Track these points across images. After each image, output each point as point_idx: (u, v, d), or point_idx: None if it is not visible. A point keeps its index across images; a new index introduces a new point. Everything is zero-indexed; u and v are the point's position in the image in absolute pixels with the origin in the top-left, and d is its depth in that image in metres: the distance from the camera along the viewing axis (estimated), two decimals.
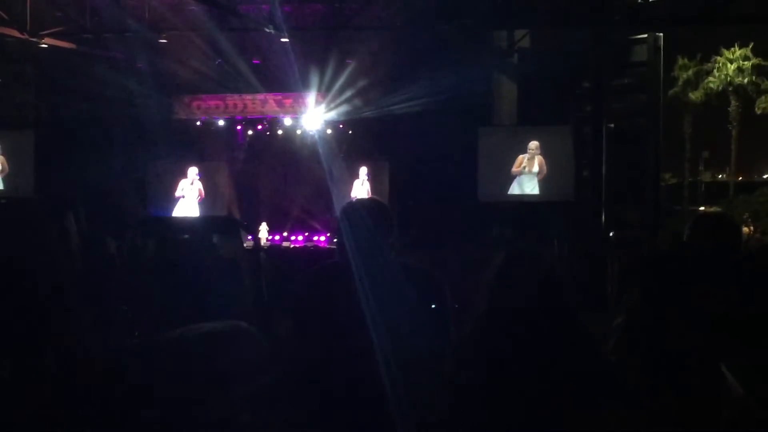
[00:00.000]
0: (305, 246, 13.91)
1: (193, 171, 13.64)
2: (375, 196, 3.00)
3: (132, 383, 1.87)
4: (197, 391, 1.89)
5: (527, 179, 12.16)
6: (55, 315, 1.95)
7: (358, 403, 2.97)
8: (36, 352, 1.88)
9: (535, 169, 12.11)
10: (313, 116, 14.08)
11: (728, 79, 37.44)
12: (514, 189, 12.20)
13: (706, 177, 38.11)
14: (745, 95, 37.84)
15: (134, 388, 1.85)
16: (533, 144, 12.09)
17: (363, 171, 13.62)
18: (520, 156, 12.14)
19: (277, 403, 2.61)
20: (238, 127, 14.94)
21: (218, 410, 1.91)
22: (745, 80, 37.22)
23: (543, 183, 12.11)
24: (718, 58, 38.10)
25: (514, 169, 12.15)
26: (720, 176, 43.42)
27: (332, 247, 13.17)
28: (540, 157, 12.08)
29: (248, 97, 14.30)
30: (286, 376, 3.13)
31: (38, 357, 1.88)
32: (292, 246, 13.88)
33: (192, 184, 13.64)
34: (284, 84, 13.53)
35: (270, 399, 2.26)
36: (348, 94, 13.61)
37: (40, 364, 1.87)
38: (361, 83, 13.48)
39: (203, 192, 13.68)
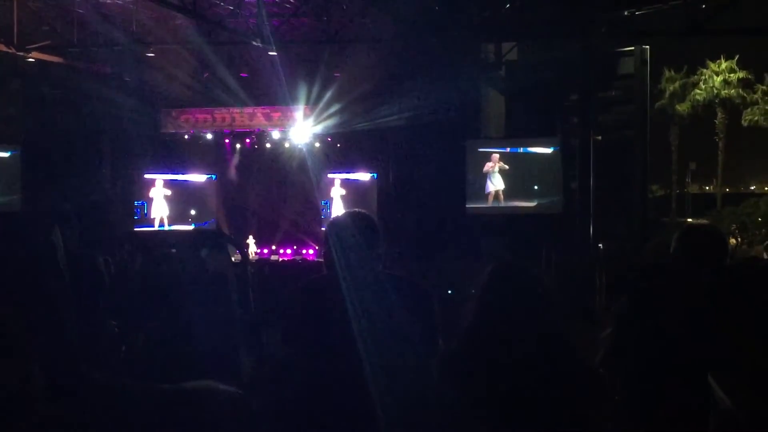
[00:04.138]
0: (294, 259, 13.89)
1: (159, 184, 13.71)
2: (361, 209, 2.99)
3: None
4: None
5: (495, 176, 12.28)
6: (41, 330, 1.93)
7: (347, 413, 2.97)
8: (23, 367, 1.87)
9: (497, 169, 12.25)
10: (302, 129, 14.08)
11: (715, 91, 37.67)
12: (489, 187, 12.29)
13: (693, 189, 38.32)
14: (732, 107, 38.08)
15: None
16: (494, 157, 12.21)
17: (337, 182, 13.62)
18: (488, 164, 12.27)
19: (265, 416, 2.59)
20: (227, 141, 14.93)
21: None
22: (732, 92, 37.45)
23: (532, 193, 12.17)
24: (704, 70, 38.36)
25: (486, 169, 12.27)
26: (707, 188, 43.68)
27: (321, 260, 13.11)
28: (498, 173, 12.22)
29: (236, 110, 14.29)
30: (275, 389, 3.12)
31: (25, 373, 1.86)
32: (280, 259, 13.85)
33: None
34: (272, 97, 13.54)
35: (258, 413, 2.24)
36: (336, 107, 13.59)
37: (27, 380, 1.85)
38: (349, 97, 13.47)
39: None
